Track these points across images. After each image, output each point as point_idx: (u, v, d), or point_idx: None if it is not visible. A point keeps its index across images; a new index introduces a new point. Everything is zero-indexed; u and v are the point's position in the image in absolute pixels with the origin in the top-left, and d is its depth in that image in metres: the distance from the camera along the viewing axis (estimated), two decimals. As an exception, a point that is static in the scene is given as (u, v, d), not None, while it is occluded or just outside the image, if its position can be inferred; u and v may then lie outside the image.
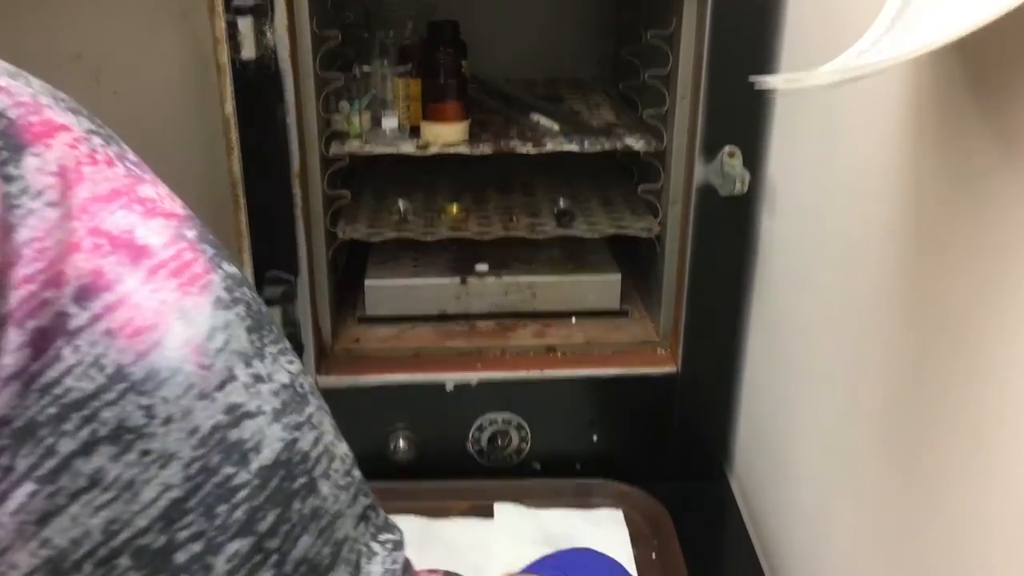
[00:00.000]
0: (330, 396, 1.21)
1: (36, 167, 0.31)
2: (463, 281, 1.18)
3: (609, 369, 1.13)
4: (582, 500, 1.09)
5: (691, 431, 1.16)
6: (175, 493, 0.31)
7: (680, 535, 1.01)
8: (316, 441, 0.37)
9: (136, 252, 0.32)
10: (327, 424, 0.39)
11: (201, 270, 0.34)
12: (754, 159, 1.01)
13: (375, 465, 1.13)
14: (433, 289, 1.18)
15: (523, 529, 1.02)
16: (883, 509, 0.74)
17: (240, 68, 0.91)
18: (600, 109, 1.28)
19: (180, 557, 0.31)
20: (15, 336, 0.28)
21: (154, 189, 0.36)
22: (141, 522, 0.31)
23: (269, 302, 1.02)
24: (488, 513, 1.05)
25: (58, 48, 0.87)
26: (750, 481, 1.15)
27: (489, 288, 1.19)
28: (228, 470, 0.32)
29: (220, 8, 0.87)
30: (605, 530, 1.04)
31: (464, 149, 1.09)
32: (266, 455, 0.34)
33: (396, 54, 1.18)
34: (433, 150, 1.09)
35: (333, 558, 0.37)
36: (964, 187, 0.60)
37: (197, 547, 0.32)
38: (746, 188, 0.98)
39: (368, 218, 1.19)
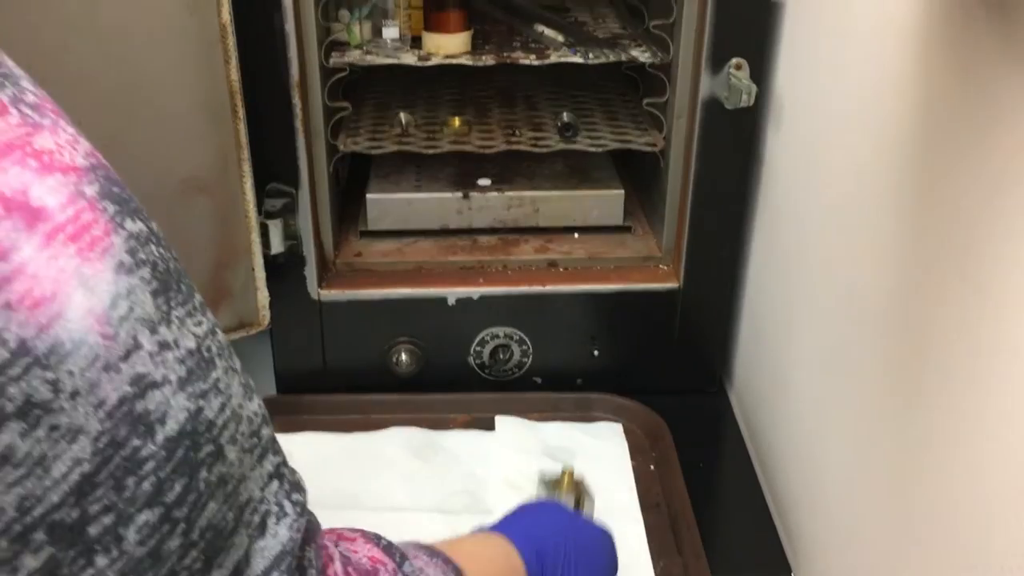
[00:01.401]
0: (332, 310, 1.22)
1: None
2: (465, 195, 1.17)
3: (611, 284, 1.13)
4: (582, 413, 1.10)
5: (692, 347, 1.16)
6: (85, 468, 0.31)
7: (679, 448, 1.03)
8: (222, 407, 0.36)
9: (32, 215, 0.31)
10: (235, 386, 0.38)
11: (101, 232, 0.33)
12: (761, 72, 0.99)
13: (377, 379, 1.14)
14: (435, 203, 1.18)
15: (523, 441, 1.03)
16: (880, 426, 0.75)
17: (238, -22, 0.89)
18: (606, 20, 1.25)
19: (93, 530, 0.31)
20: None
21: (52, 138, 0.33)
22: (54, 497, 0.30)
23: (270, 215, 1.02)
24: (489, 426, 1.06)
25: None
26: (749, 396, 1.16)
27: (491, 202, 1.18)
28: (135, 442, 0.32)
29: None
30: (604, 442, 1.05)
31: (466, 60, 1.07)
32: (171, 426, 0.33)
33: (397, -39, 1.15)
34: (435, 61, 1.07)
35: (236, 522, 0.37)
36: (970, 94, 0.59)
37: (108, 520, 0.32)
38: (752, 101, 0.97)
39: (369, 130, 1.17)
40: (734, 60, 0.98)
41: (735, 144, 1.04)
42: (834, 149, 0.86)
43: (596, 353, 1.15)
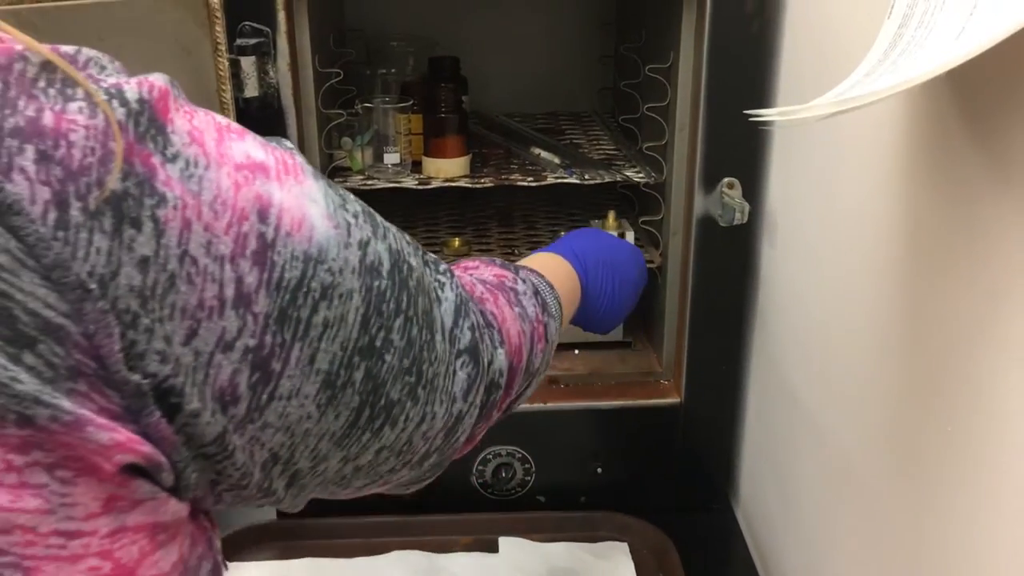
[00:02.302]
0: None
1: (180, 142, 0.39)
2: (466, 314, 1.18)
3: (612, 401, 1.13)
4: (587, 533, 1.08)
5: (695, 462, 1.15)
6: (362, 311, 0.45)
7: (686, 567, 1.01)
8: (395, 236, 0.50)
9: (263, 169, 0.42)
10: (385, 221, 0.51)
11: (291, 160, 0.44)
12: (753, 190, 1.02)
13: (380, 501, 1.12)
14: (436, 322, 1.18)
15: (528, 563, 1.02)
16: (889, 542, 0.74)
17: (243, 106, 0.92)
18: (600, 141, 1.29)
19: (377, 343, 0.47)
20: (244, 264, 0.40)
21: (216, 114, 0.43)
22: (354, 334, 0.45)
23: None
24: (493, 547, 1.04)
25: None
26: (755, 511, 1.14)
27: (492, 321, 1.19)
28: (376, 283, 0.46)
29: (223, 48, 0.88)
30: (610, 563, 1.03)
31: (465, 183, 1.10)
32: (386, 263, 0.47)
33: (397, 90, 1.20)
34: (435, 184, 1.10)
35: (430, 302, 0.52)
36: (958, 214, 0.60)
37: (382, 334, 0.47)
38: (746, 219, 0.99)
39: (371, 252, 1.19)
40: (726, 180, 1.00)
41: (731, 260, 1.06)
42: (828, 263, 0.88)
43: (599, 470, 1.14)
